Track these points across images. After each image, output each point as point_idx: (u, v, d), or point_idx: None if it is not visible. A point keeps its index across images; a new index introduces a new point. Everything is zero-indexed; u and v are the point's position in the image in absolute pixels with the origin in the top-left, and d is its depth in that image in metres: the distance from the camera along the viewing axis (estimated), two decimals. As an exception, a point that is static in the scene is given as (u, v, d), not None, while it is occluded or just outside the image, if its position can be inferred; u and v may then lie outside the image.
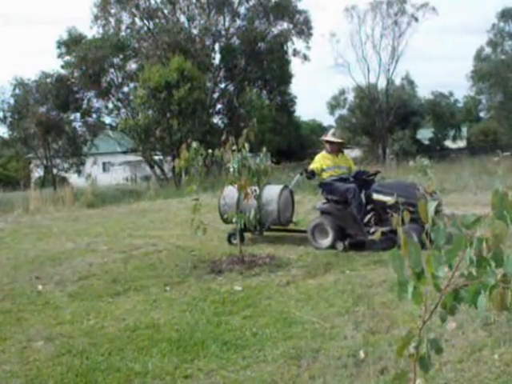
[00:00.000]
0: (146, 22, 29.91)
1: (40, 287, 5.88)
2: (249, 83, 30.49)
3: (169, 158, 25.68)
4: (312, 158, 7.87)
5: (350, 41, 46.45)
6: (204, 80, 26.07)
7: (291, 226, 8.12)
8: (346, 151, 8.19)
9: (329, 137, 7.67)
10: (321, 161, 7.47)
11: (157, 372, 3.49)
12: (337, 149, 7.57)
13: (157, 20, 29.96)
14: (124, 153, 33.48)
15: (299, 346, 3.75)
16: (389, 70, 38.32)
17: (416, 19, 36.30)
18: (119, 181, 34.82)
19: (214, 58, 30.30)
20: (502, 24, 38.42)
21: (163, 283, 5.74)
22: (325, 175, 7.36)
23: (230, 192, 7.33)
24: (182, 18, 29.87)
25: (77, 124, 31.15)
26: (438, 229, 1.77)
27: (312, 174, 7.43)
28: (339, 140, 7.64)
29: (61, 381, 3.48)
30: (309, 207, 10.20)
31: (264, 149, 6.55)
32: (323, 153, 7.62)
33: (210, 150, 6.42)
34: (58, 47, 29.15)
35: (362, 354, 3.49)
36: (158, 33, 28.82)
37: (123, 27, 29.87)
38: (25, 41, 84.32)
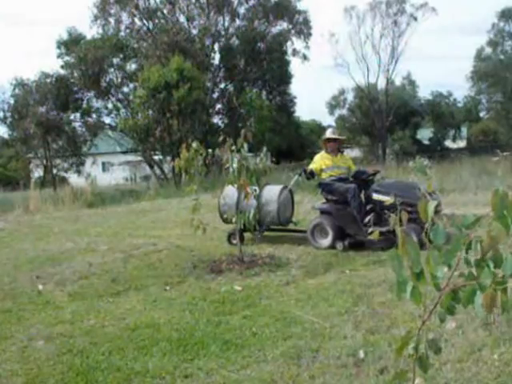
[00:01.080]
0: (145, 22, 29.91)
1: (40, 287, 5.89)
2: (248, 83, 30.50)
3: (168, 158, 25.66)
4: (311, 158, 7.89)
5: (349, 41, 46.46)
6: (203, 80, 26.05)
7: (291, 226, 8.13)
8: (345, 151, 8.21)
9: (328, 134, 7.70)
10: (320, 161, 7.48)
11: (157, 371, 3.49)
12: (336, 148, 7.58)
13: (156, 20, 29.95)
14: (124, 153, 33.42)
15: (299, 345, 3.76)
16: (388, 70, 38.41)
17: (415, 19, 36.43)
18: (119, 181, 34.76)
19: (213, 58, 30.31)
20: (501, 24, 38.48)
21: (163, 283, 5.75)
22: (324, 175, 7.38)
23: (230, 192, 7.33)
24: (182, 18, 29.90)
25: (76, 124, 31.20)
26: (437, 228, 1.77)
27: (311, 174, 7.45)
28: (339, 137, 7.69)
29: (61, 380, 3.49)
30: (308, 207, 10.19)
31: (264, 149, 6.55)
32: (322, 153, 7.64)
33: (209, 150, 6.43)
34: (58, 47, 29.25)
35: (361, 354, 3.49)
36: (158, 33, 28.82)
37: (123, 27, 29.90)
38: (25, 41, 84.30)
